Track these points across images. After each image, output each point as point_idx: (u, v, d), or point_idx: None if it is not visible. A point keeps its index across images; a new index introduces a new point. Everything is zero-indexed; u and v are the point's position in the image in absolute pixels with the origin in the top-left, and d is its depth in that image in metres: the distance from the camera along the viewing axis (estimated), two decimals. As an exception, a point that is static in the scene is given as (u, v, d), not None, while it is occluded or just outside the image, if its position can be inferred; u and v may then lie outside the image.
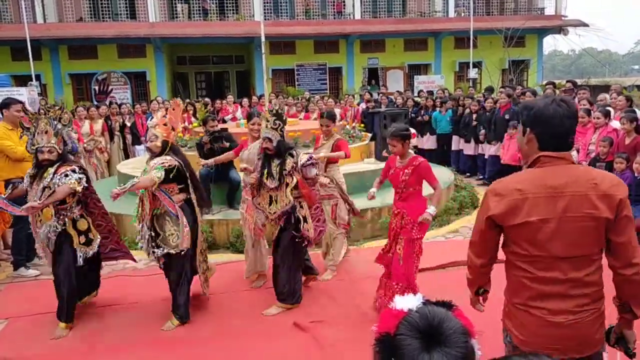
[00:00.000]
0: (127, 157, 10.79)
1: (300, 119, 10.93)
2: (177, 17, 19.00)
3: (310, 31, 18.89)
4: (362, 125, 10.44)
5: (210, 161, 5.53)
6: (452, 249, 6.19)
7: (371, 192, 4.58)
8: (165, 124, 4.34)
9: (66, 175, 4.04)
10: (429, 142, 11.68)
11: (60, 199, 4.09)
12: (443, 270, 5.54)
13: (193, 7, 19.01)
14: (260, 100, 12.56)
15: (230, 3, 19.10)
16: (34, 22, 16.79)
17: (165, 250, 4.28)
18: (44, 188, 4.10)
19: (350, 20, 19.84)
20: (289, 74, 20.11)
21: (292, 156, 4.47)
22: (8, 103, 5.86)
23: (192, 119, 11.74)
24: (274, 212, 4.50)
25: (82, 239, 4.35)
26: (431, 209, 4.18)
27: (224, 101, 13.05)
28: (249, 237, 5.19)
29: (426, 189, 4.40)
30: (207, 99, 13.45)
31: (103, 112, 10.80)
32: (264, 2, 17.77)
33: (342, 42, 20.10)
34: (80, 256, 4.32)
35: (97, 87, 18.41)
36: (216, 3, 19.22)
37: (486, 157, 9.92)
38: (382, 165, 7.79)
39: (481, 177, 10.22)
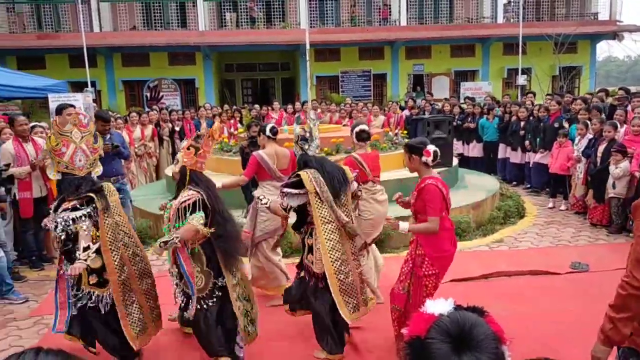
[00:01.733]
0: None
1: (345, 125, 10.97)
2: (225, 26, 19.44)
3: (355, 38, 18.94)
4: (405, 132, 10.37)
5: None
6: (496, 259, 6.08)
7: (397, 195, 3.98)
8: (189, 148, 3.69)
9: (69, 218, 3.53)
10: (475, 150, 11.50)
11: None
12: (485, 280, 5.44)
13: (241, 15, 19.42)
14: (304, 106, 12.69)
15: (277, 11, 19.40)
16: (91, 31, 17.55)
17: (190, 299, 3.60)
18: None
19: (396, 26, 19.77)
20: (333, 81, 20.20)
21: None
22: (60, 108, 6.18)
23: (239, 125, 11.99)
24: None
25: (93, 278, 3.63)
26: (403, 225, 3.60)
27: (269, 107, 13.27)
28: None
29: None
30: (256, 106, 13.72)
31: (153, 117, 11.18)
32: (310, 10, 17.96)
33: (387, 49, 20.05)
34: (91, 300, 3.63)
35: (148, 94, 19.04)
36: (263, 11, 19.56)
37: (531, 165, 9.68)
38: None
39: (528, 186, 9.97)
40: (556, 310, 4.59)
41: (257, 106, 13.69)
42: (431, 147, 3.61)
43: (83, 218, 3.51)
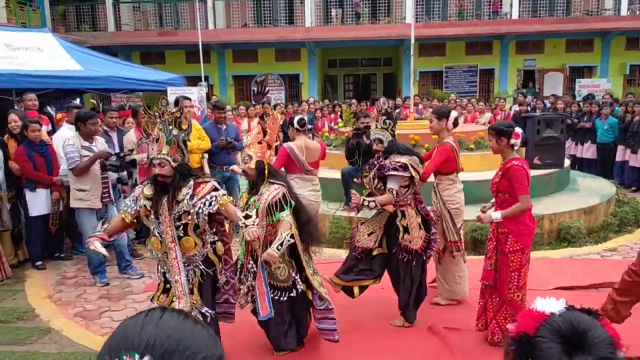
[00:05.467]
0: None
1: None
2: (331, 22, 19.73)
3: (462, 32, 18.38)
4: (513, 130, 9.93)
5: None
6: (608, 268, 5.67)
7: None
8: (260, 142, 3.71)
9: (215, 197, 3.31)
10: (589, 151, 10.72)
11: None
12: (595, 290, 5.09)
13: (346, 11, 19.60)
14: (405, 102, 12.58)
15: (382, 6, 19.34)
16: (206, 28, 18.60)
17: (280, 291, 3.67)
18: (180, 215, 3.30)
19: (507, 20, 18.90)
20: (437, 76, 19.78)
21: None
22: (177, 100, 6.64)
23: (339, 119, 12.17)
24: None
25: (222, 264, 3.61)
26: (495, 214, 3.74)
27: (367, 103, 13.32)
28: None
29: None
30: (354, 101, 13.84)
31: (258, 111, 11.65)
32: (416, 4, 17.69)
33: (496, 43, 19.24)
34: (228, 281, 3.64)
35: (255, 88, 19.86)
36: (369, 7, 19.59)
37: (654, 169, 8.87)
38: (531, 172, 7.38)
39: (649, 192, 9.15)
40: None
41: (354, 101, 13.79)
42: (519, 130, 3.83)
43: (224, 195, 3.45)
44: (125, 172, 6.13)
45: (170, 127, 3.34)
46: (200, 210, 3.27)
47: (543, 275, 5.36)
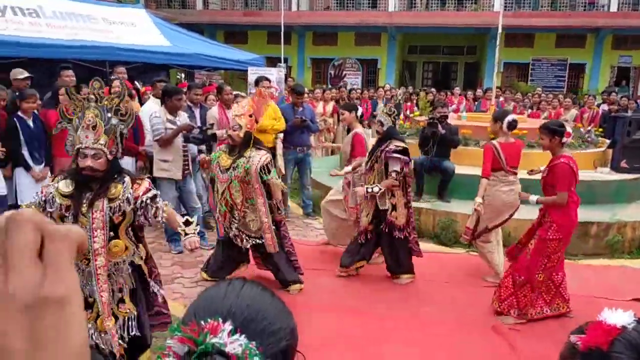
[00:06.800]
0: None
1: (528, 115, 10.32)
2: (415, 7, 19.34)
3: (554, 23, 17.46)
4: (601, 129, 9.37)
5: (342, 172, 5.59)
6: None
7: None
8: (250, 115, 4.39)
9: (156, 199, 2.98)
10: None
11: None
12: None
13: (432, -4, 19.15)
14: (486, 94, 12.17)
15: (469, -7, 18.73)
16: (289, 10, 18.80)
17: (252, 239, 4.57)
18: (112, 210, 2.84)
19: (604, 12, 17.73)
20: (522, 69, 18.95)
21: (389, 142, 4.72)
22: (258, 80, 6.85)
23: (415, 107, 11.98)
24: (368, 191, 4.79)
25: (148, 268, 3.20)
26: (533, 197, 4.24)
27: (448, 92, 13.00)
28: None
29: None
30: (433, 90, 13.55)
31: (334, 95, 11.70)
32: (506, -8, 16.99)
33: (590, 37, 18.12)
34: (157, 293, 3.24)
35: (332, 72, 19.91)
36: (455, -7, 19.04)
37: None
38: (617, 176, 7.00)
39: None
40: None
41: (433, 90, 13.50)
42: (570, 129, 4.27)
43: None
44: (204, 146, 6.39)
45: (109, 114, 2.86)
46: (143, 208, 2.93)
47: (620, 285, 5.10)
